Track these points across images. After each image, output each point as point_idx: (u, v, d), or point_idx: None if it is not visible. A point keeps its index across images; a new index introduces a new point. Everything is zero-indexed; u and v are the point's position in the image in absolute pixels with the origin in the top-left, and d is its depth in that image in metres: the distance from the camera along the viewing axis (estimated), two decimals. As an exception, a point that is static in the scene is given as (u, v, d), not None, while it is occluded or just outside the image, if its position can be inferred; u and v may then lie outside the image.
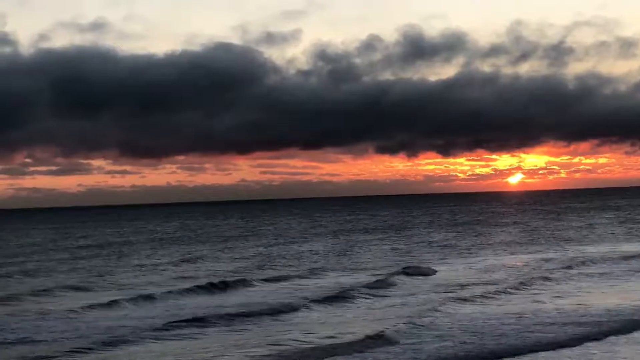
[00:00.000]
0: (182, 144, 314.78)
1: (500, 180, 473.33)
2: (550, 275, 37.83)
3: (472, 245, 61.22)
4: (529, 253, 52.83)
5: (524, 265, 44.74)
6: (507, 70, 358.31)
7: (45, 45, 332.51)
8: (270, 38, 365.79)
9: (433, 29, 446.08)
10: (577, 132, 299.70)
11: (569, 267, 41.60)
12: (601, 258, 46.39)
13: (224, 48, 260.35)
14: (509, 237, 70.33)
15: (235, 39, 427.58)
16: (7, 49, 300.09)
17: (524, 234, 74.16)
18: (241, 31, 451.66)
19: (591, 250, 53.24)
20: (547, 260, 46.80)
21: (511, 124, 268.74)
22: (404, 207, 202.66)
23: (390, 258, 52.40)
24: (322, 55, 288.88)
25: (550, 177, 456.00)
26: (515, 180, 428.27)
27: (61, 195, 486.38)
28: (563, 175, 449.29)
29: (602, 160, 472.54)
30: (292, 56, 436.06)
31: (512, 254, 52.97)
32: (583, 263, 43.80)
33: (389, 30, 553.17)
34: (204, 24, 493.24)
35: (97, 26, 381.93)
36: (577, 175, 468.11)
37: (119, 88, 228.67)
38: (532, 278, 36.63)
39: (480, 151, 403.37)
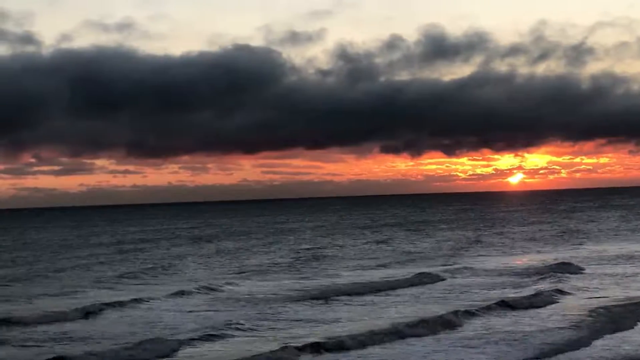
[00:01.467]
0: (189, 144, 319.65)
1: (500, 180, 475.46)
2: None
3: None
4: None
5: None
6: (524, 70, 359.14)
7: (67, 45, 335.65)
8: (294, 38, 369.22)
9: (457, 28, 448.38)
10: (584, 132, 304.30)
11: None
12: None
13: (242, 49, 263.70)
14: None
15: (259, 39, 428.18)
16: (30, 49, 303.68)
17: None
18: (265, 31, 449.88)
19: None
20: None
21: (518, 124, 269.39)
22: (414, 206, 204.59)
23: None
24: (343, 55, 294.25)
25: (551, 177, 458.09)
26: (515, 180, 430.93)
27: (62, 195, 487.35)
28: (564, 175, 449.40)
29: (604, 160, 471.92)
30: (313, 56, 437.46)
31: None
32: None
33: (412, 30, 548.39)
34: (230, 24, 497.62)
35: (123, 26, 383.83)
36: (578, 175, 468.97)
37: (134, 89, 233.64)
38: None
39: (485, 150, 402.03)
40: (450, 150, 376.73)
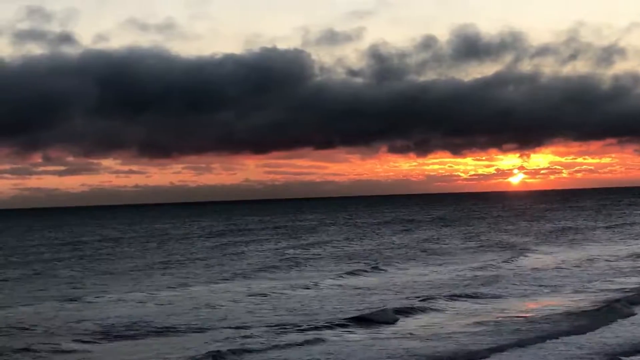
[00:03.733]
0: (200, 144, 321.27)
1: (501, 180, 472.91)
2: None
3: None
4: None
5: None
6: (550, 71, 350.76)
7: (101, 45, 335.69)
8: (332, 38, 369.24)
9: (492, 29, 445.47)
10: (596, 132, 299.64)
11: None
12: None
13: (271, 51, 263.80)
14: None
15: (296, 39, 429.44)
16: (65, 49, 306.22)
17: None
18: (304, 31, 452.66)
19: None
20: None
21: (530, 124, 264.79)
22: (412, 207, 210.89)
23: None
24: (375, 54, 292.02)
25: (552, 177, 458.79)
26: (516, 180, 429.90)
27: (63, 196, 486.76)
28: (565, 175, 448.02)
29: (606, 160, 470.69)
30: (345, 56, 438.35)
31: None
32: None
33: (449, 30, 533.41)
34: (270, 24, 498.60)
35: (163, 27, 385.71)
36: (579, 175, 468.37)
37: (155, 90, 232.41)
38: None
39: (492, 150, 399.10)
40: (458, 150, 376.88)
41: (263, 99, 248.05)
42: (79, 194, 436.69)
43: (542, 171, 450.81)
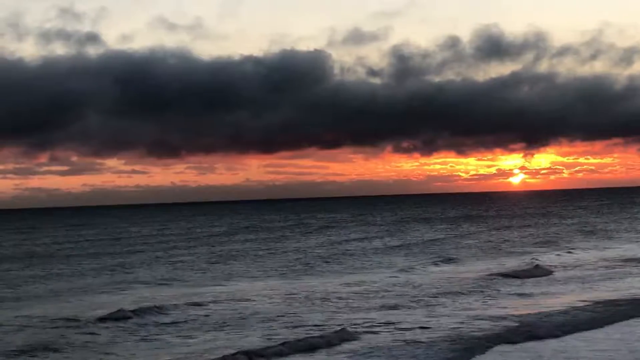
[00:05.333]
0: (207, 144, 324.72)
1: (502, 180, 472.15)
2: None
3: None
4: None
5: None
6: (565, 70, 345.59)
7: (124, 45, 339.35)
8: (358, 38, 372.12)
9: (516, 29, 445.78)
10: (603, 131, 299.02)
11: None
12: None
13: (289, 51, 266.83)
14: None
15: (322, 39, 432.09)
16: (89, 49, 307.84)
17: None
18: (330, 31, 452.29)
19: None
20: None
21: (538, 124, 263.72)
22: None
23: None
24: (397, 54, 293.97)
25: (552, 177, 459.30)
26: (517, 180, 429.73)
27: (64, 196, 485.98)
28: (565, 175, 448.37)
29: (608, 159, 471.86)
30: (367, 56, 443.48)
31: None
32: None
33: (473, 30, 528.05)
34: (297, 24, 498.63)
35: (189, 26, 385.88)
36: (580, 175, 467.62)
37: (170, 91, 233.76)
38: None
39: (497, 150, 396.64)
40: (464, 150, 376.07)
41: (277, 100, 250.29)
42: (79, 194, 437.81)
43: (543, 171, 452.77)
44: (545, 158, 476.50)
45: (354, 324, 25.90)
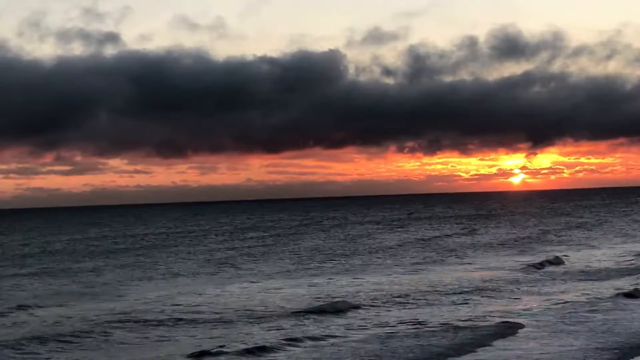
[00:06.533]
0: (214, 143, 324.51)
1: (502, 180, 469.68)
2: None
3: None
4: None
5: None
6: (578, 70, 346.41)
7: (142, 45, 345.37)
8: (377, 38, 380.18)
9: (534, 29, 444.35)
10: (609, 131, 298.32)
11: None
12: None
13: (304, 52, 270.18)
14: None
15: (341, 39, 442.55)
16: (108, 49, 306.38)
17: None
18: (350, 31, 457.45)
19: None
20: None
21: (544, 124, 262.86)
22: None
23: None
24: (412, 54, 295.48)
25: (553, 177, 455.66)
26: (517, 180, 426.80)
27: (64, 196, 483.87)
28: (566, 175, 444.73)
29: (609, 159, 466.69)
30: (383, 55, 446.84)
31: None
32: None
33: (491, 30, 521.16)
34: (318, 23, 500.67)
35: (210, 26, 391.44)
36: (581, 175, 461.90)
37: (179, 91, 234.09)
38: None
39: (501, 150, 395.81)
40: (467, 149, 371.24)
41: (288, 100, 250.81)
42: (80, 194, 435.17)
43: (543, 171, 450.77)
44: (546, 158, 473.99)
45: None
